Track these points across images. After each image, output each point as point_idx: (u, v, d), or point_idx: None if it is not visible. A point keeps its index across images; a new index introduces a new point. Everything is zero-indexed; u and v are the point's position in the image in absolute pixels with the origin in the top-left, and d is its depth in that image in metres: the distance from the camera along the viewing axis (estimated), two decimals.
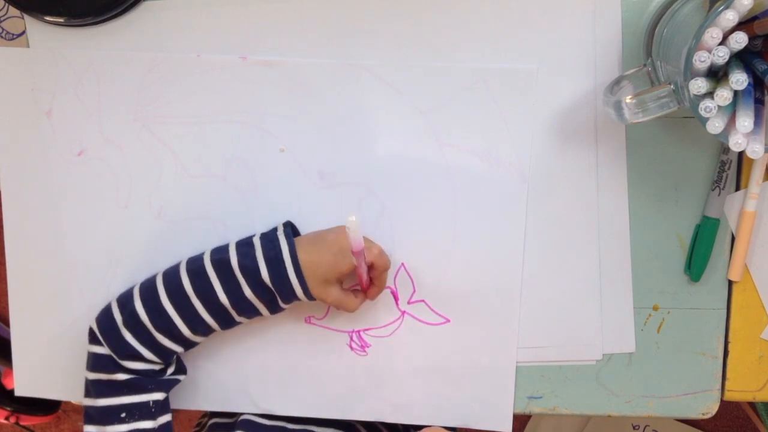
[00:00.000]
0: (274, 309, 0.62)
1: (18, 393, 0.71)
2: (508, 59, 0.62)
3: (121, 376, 0.60)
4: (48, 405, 1.42)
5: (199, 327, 0.61)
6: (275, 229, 0.63)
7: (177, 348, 0.62)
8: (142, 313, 0.60)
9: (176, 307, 0.60)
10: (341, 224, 0.62)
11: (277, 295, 0.60)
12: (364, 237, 0.60)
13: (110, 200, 0.66)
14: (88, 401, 0.61)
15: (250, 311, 0.61)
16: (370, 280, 0.62)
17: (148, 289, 0.61)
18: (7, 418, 1.36)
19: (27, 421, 1.39)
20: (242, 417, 0.68)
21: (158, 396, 0.61)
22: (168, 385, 0.63)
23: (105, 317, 0.61)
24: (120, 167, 0.66)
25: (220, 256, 0.60)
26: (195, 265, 0.61)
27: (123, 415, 0.59)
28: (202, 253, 0.62)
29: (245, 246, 0.61)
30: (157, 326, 0.60)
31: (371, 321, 0.67)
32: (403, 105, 0.63)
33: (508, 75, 0.62)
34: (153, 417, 0.60)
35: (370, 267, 0.60)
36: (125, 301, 0.61)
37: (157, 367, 0.62)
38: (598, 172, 0.64)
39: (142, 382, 0.61)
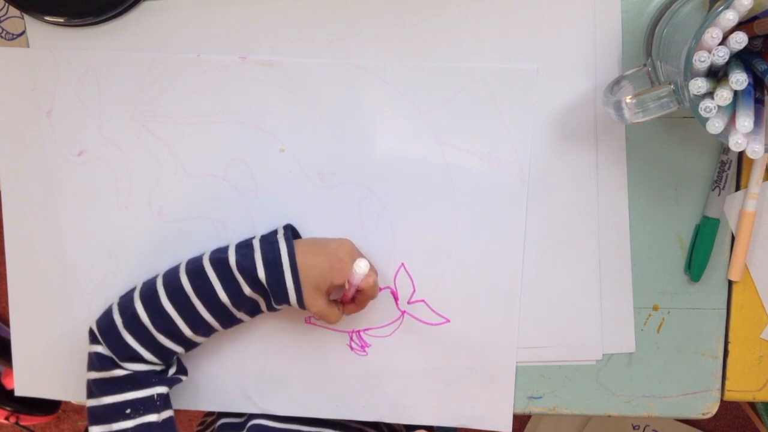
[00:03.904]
0: (270, 307, 0.62)
1: (18, 393, 0.71)
2: (508, 59, 0.62)
3: (123, 372, 0.60)
4: (48, 405, 1.42)
5: (200, 326, 0.61)
6: (275, 232, 0.63)
7: (178, 348, 0.62)
8: (142, 314, 0.60)
9: (176, 307, 0.60)
10: (344, 237, 0.62)
11: (270, 295, 0.60)
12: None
13: (110, 200, 0.66)
14: (92, 401, 0.61)
15: (250, 308, 0.62)
16: (353, 298, 0.62)
17: (148, 290, 0.61)
18: (7, 418, 1.36)
19: (27, 421, 1.39)
20: (252, 422, 0.68)
21: (162, 389, 0.61)
22: (170, 382, 0.63)
23: (105, 319, 0.61)
24: (120, 167, 0.66)
25: (219, 255, 0.61)
26: (194, 265, 0.61)
27: (128, 411, 0.59)
28: (202, 254, 0.62)
29: (245, 248, 0.61)
30: (158, 327, 0.60)
31: (371, 321, 0.67)
32: (403, 105, 0.63)
33: (508, 75, 0.62)
34: (157, 410, 0.60)
35: (359, 291, 0.60)
36: (125, 303, 0.61)
37: (157, 368, 0.62)
38: (598, 172, 0.64)
39: (145, 375, 0.61)
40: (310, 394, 0.68)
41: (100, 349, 0.60)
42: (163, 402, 0.61)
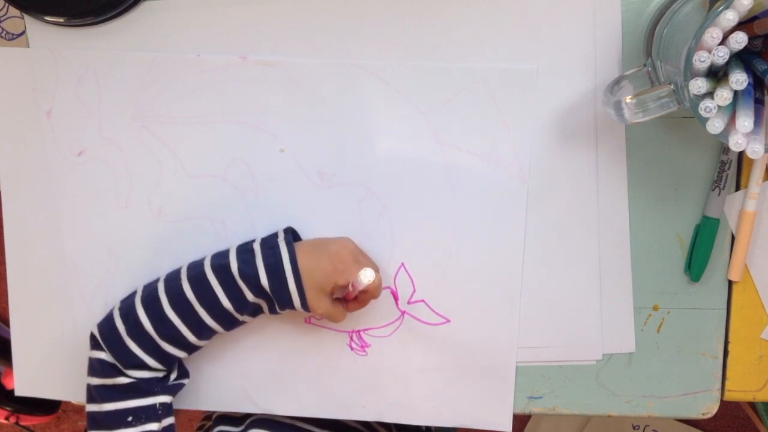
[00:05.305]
0: (272, 311, 0.62)
1: (18, 393, 0.71)
2: (508, 59, 0.62)
3: (126, 380, 0.60)
4: (48, 405, 1.42)
5: (203, 332, 0.61)
6: (275, 235, 0.62)
7: (181, 354, 0.62)
8: (146, 322, 0.60)
9: (180, 315, 0.60)
10: (344, 236, 0.62)
11: (275, 301, 0.60)
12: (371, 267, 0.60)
13: (110, 200, 0.66)
14: (93, 406, 0.60)
15: (252, 311, 0.61)
16: (356, 297, 0.62)
17: (149, 296, 0.61)
18: (7, 418, 1.36)
19: (27, 421, 1.40)
20: (253, 417, 0.67)
21: (165, 399, 0.61)
22: (173, 390, 0.62)
23: (107, 325, 0.61)
24: (120, 167, 0.66)
25: (220, 261, 0.60)
26: (196, 272, 0.60)
27: (129, 418, 0.59)
28: (203, 259, 0.62)
29: (246, 252, 0.60)
30: (162, 335, 0.60)
31: (371, 321, 0.67)
32: (403, 105, 0.63)
33: (508, 75, 0.62)
34: (159, 419, 0.60)
35: (362, 291, 0.60)
36: (127, 309, 0.61)
37: (160, 374, 0.62)
38: (598, 172, 0.64)
39: (149, 384, 0.60)
40: (310, 394, 0.68)
41: (103, 355, 0.60)
42: (165, 410, 0.61)
